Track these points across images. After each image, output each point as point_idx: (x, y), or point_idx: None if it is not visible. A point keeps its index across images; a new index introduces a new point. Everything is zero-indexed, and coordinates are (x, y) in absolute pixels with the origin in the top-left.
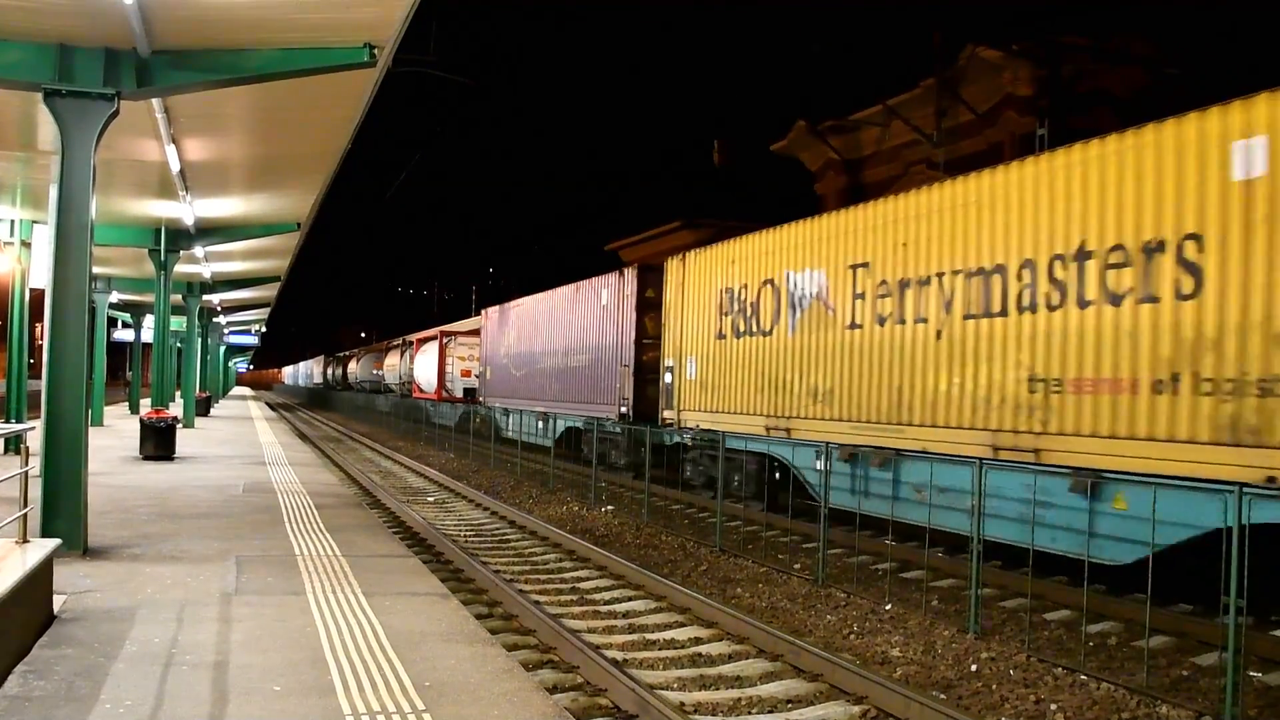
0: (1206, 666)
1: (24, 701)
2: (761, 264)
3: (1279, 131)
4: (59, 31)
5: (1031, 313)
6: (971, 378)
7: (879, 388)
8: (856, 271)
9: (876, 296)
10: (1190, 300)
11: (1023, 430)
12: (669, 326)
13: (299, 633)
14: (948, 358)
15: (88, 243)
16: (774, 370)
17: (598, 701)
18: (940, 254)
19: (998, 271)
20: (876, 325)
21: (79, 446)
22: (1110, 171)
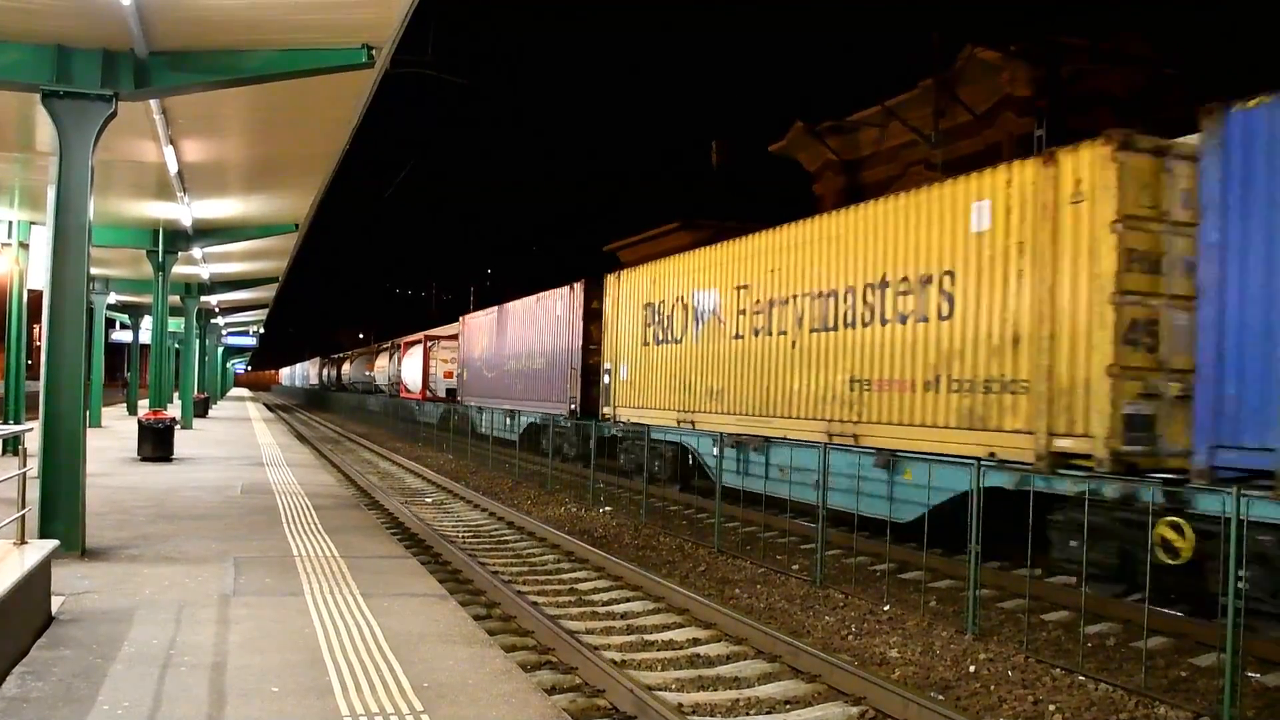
0: (1204, 667)
1: (22, 703)
2: (675, 283)
3: (998, 196)
4: (57, 33)
5: (852, 328)
6: (814, 379)
7: (754, 387)
8: (740, 292)
9: (753, 313)
10: (947, 321)
11: (846, 420)
12: (608, 334)
13: (297, 634)
14: (799, 363)
15: (86, 244)
16: (683, 373)
17: (596, 702)
18: (796, 279)
19: (831, 295)
20: (753, 336)
21: (77, 447)
22: (900, 221)
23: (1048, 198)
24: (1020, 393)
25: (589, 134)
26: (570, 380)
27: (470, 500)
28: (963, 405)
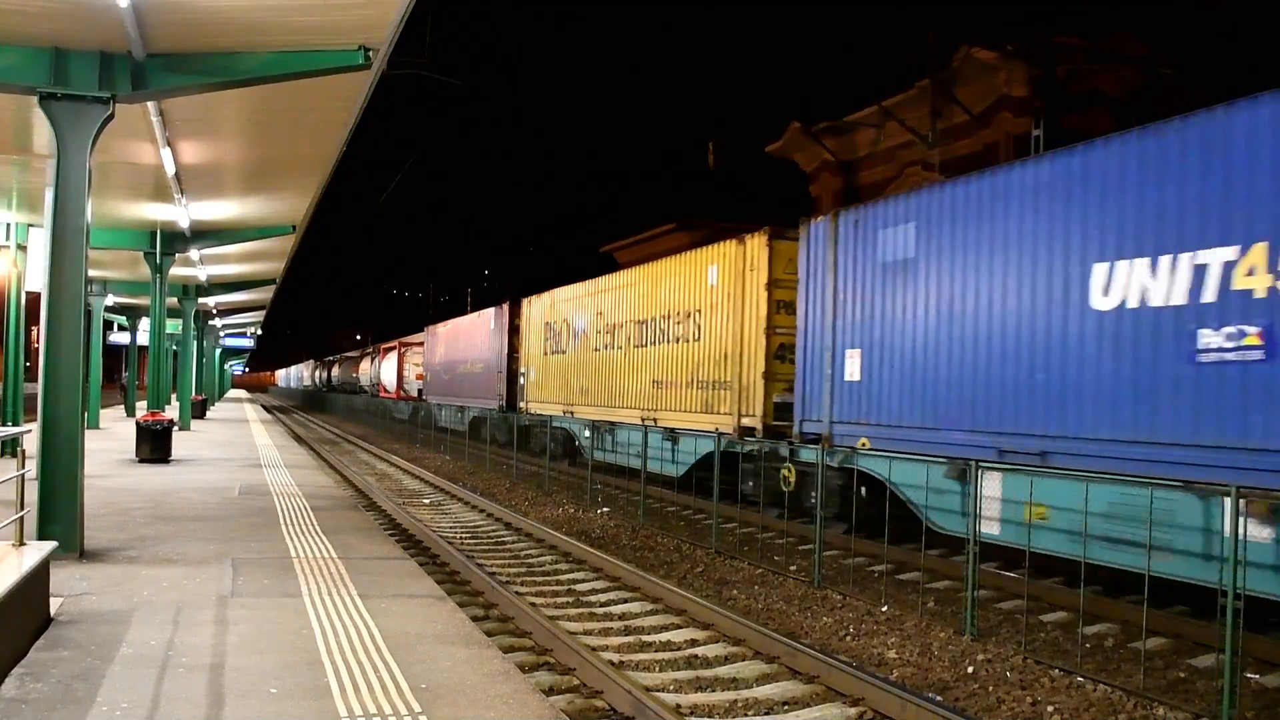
0: (1203, 668)
1: (21, 704)
2: (564, 308)
3: (720, 262)
4: (54, 35)
5: (655, 346)
6: (635, 381)
7: (605, 386)
8: (598, 317)
9: (604, 333)
10: (697, 342)
11: (650, 409)
12: (523, 346)
13: (295, 635)
14: (628, 369)
15: (83, 246)
16: (566, 375)
17: (594, 703)
18: (626, 310)
19: (643, 322)
20: (604, 350)
21: (75, 449)
22: (675, 274)
23: (739, 266)
24: (727, 389)
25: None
26: (499, 381)
27: (468, 501)
28: (703, 397)
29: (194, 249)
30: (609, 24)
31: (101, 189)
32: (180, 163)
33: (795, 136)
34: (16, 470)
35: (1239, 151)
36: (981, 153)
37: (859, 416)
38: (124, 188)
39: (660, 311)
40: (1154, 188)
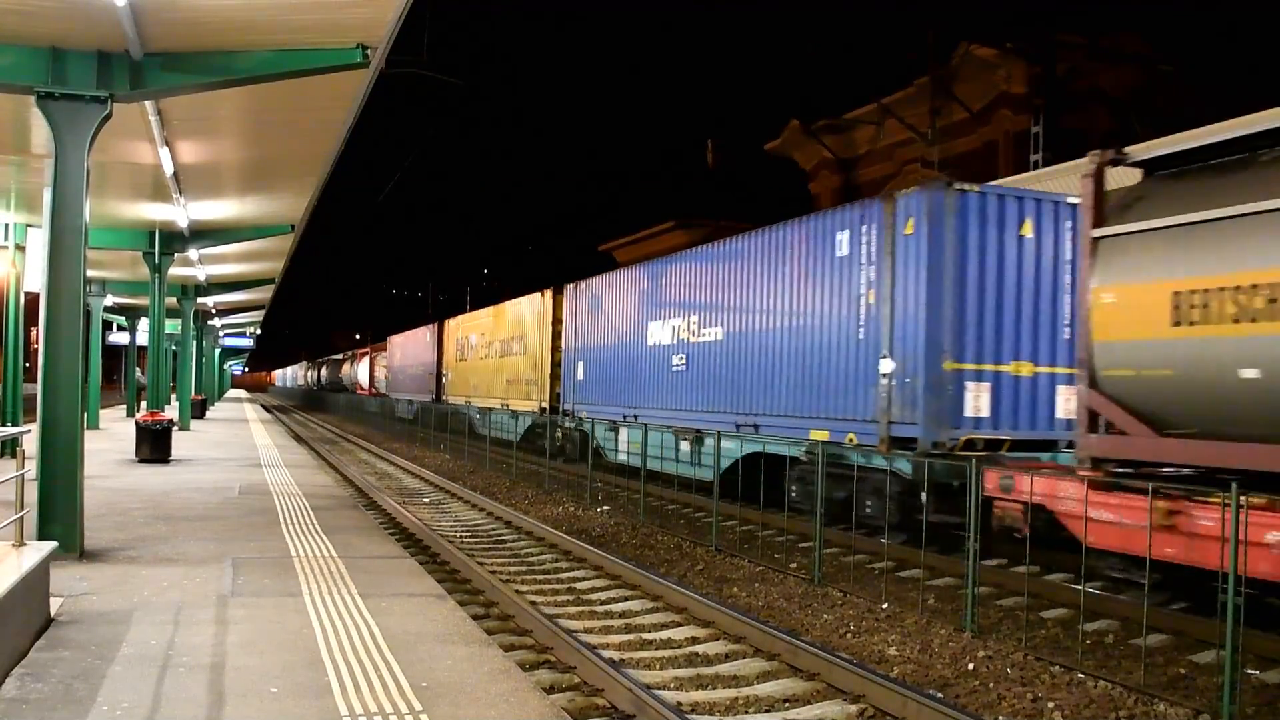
0: (1204, 664)
1: (21, 704)
2: (465, 328)
3: (538, 305)
4: (52, 34)
5: (506, 357)
6: (499, 379)
7: (485, 383)
8: (481, 335)
9: (486, 345)
10: (524, 355)
11: (501, 398)
12: (445, 354)
13: (295, 634)
14: (495, 371)
15: (82, 246)
16: (469, 375)
17: (595, 701)
18: (494, 332)
19: (504, 340)
20: (486, 358)
21: (75, 449)
22: (515, 309)
23: (547, 309)
24: (536, 385)
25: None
26: (431, 380)
27: (468, 500)
28: (527, 390)
29: (193, 249)
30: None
31: (100, 189)
32: (178, 162)
33: (794, 134)
34: (16, 470)
35: (669, 275)
36: (981, 150)
37: (581, 399)
38: (122, 187)
39: (508, 334)
40: (650, 290)
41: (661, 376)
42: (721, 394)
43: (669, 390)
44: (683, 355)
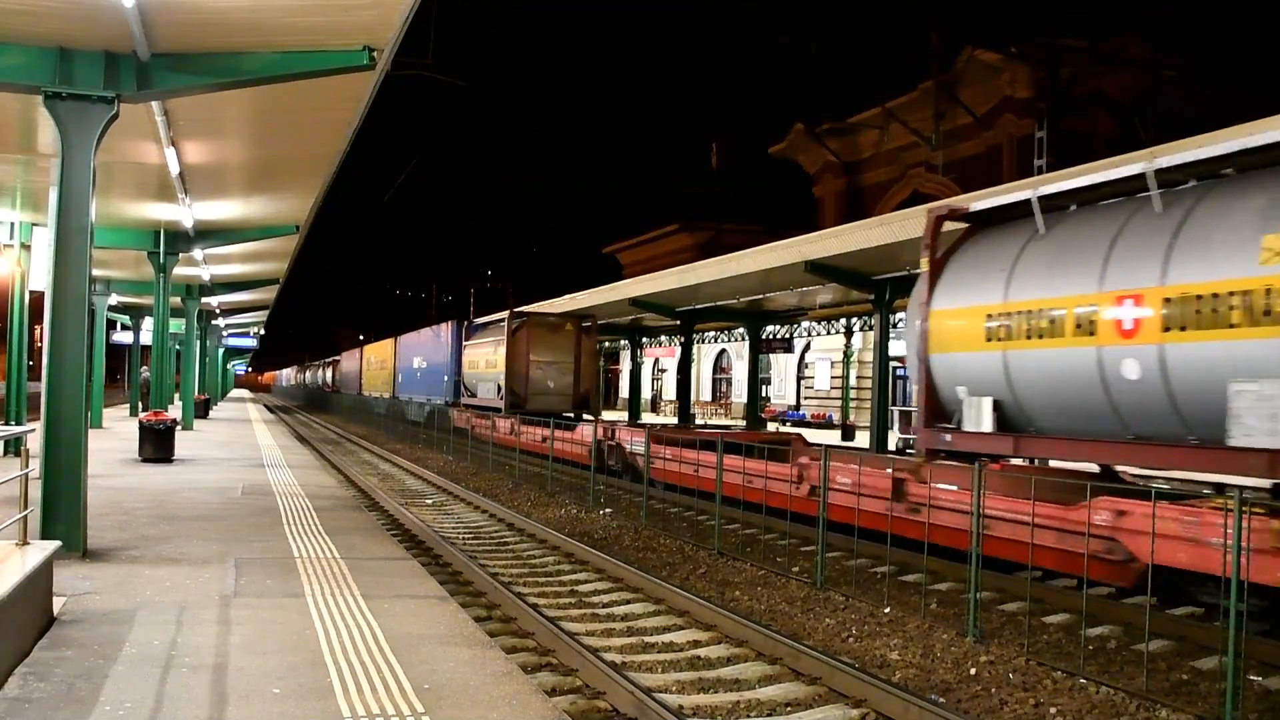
0: (1206, 670)
1: (24, 703)
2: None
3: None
4: (59, 35)
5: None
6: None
7: (375, 381)
8: (375, 356)
9: (380, 363)
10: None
11: (377, 391)
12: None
13: (298, 635)
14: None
15: (87, 245)
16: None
17: (596, 704)
18: (379, 355)
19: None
20: (379, 369)
21: (78, 449)
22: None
23: (390, 345)
24: (389, 383)
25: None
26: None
27: (470, 502)
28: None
29: (197, 249)
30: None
31: (106, 189)
32: (184, 162)
33: (798, 138)
34: (20, 469)
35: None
36: (985, 154)
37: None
38: (128, 187)
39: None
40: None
41: (414, 379)
42: (431, 385)
43: (426, 386)
44: (422, 369)
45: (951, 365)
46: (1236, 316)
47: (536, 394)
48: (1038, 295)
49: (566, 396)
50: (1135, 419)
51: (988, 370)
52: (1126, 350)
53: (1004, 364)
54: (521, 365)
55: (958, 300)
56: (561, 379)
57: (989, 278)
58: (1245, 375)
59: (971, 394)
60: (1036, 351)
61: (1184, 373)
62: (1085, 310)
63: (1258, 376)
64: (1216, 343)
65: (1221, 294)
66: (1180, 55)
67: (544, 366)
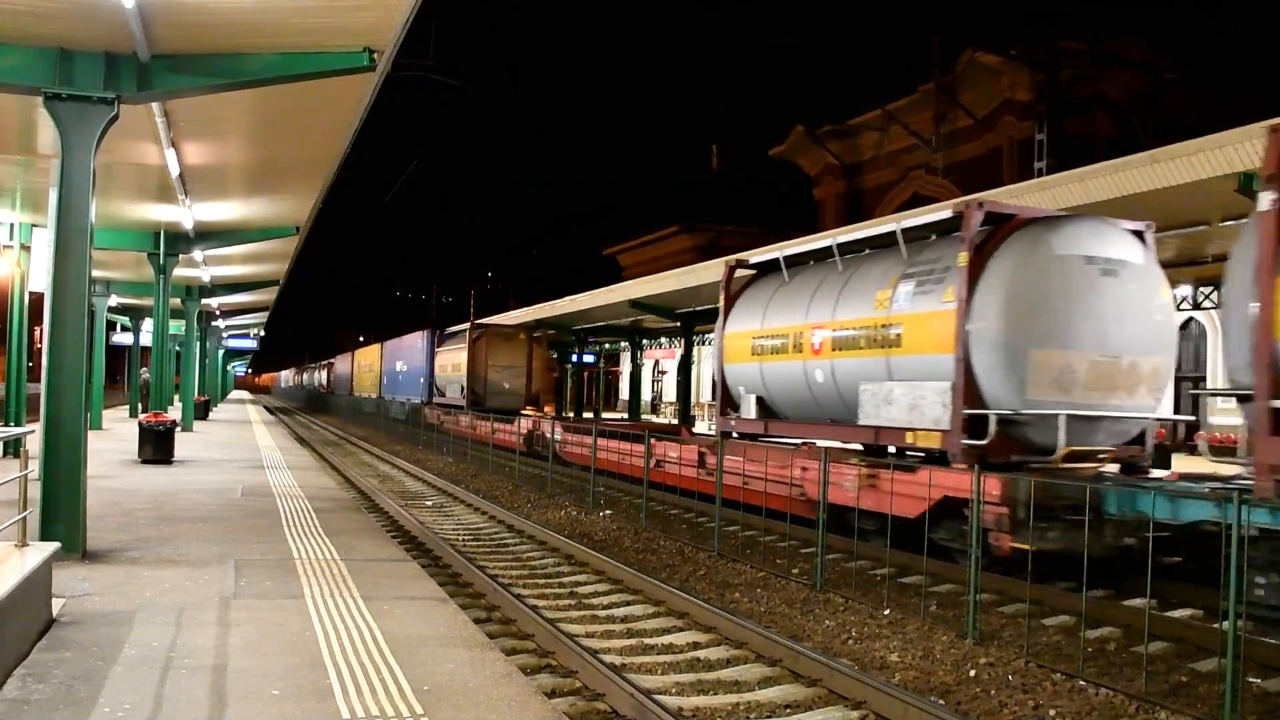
0: (1205, 672)
1: (23, 704)
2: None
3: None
4: (59, 35)
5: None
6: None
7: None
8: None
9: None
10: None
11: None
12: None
13: (297, 637)
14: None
15: (87, 246)
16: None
17: (596, 706)
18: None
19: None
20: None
21: (78, 450)
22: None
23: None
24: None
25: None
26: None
27: (470, 503)
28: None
29: (198, 250)
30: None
31: (105, 189)
32: (184, 163)
33: (799, 140)
34: (19, 470)
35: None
36: (985, 156)
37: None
38: (128, 188)
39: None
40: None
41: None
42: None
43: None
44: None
45: (735, 372)
46: (863, 343)
47: (493, 394)
48: (778, 324)
49: (520, 396)
50: (825, 408)
51: (753, 376)
52: (817, 363)
53: (761, 372)
54: (481, 369)
55: (739, 326)
56: (515, 381)
57: (755, 311)
58: (867, 380)
59: (746, 392)
60: (777, 363)
61: (843, 378)
62: (797, 335)
63: (872, 381)
64: (855, 359)
65: (856, 328)
66: (1180, 57)
67: (500, 370)
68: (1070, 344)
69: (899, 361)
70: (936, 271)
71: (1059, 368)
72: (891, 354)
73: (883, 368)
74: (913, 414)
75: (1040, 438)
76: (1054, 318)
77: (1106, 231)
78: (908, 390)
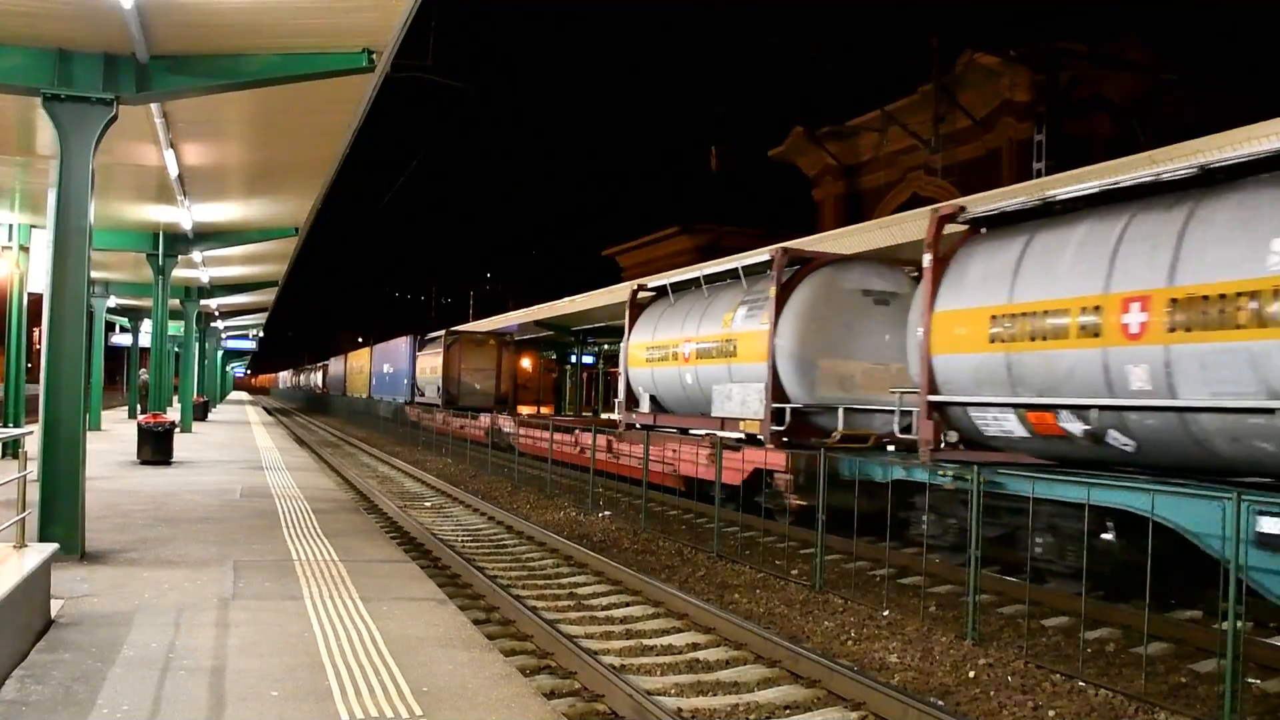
0: (1205, 673)
1: (21, 706)
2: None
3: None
4: (58, 36)
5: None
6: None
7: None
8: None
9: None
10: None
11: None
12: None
13: (296, 638)
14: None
15: (86, 247)
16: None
17: (595, 707)
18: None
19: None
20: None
21: (77, 451)
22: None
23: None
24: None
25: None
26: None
27: (469, 505)
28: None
29: (196, 251)
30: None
31: (104, 190)
32: (183, 164)
33: (798, 141)
34: (18, 471)
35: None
36: (984, 158)
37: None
38: (127, 189)
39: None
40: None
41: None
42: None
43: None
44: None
45: (635, 375)
46: (715, 353)
47: (466, 394)
48: (663, 338)
49: (490, 395)
50: (694, 404)
51: (647, 378)
52: (688, 368)
53: (653, 375)
54: (455, 372)
55: (638, 339)
56: (486, 383)
57: (649, 327)
58: (717, 382)
59: (643, 391)
60: (663, 368)
61: (703, 380)
62: (676, 347)
63: (720, 382)
64: (710, 365)
65: (711, 341)
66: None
67: (472, 373)
68: (850, 355)
69: (736, 368)
70: (760, 300)
71: (840, 373)
72: (731, 362)
73: (726, 373)
74: (743, 407)
75: (826, 424)
76: (837, 336)
77: (884, 270)
78: (740, 390)
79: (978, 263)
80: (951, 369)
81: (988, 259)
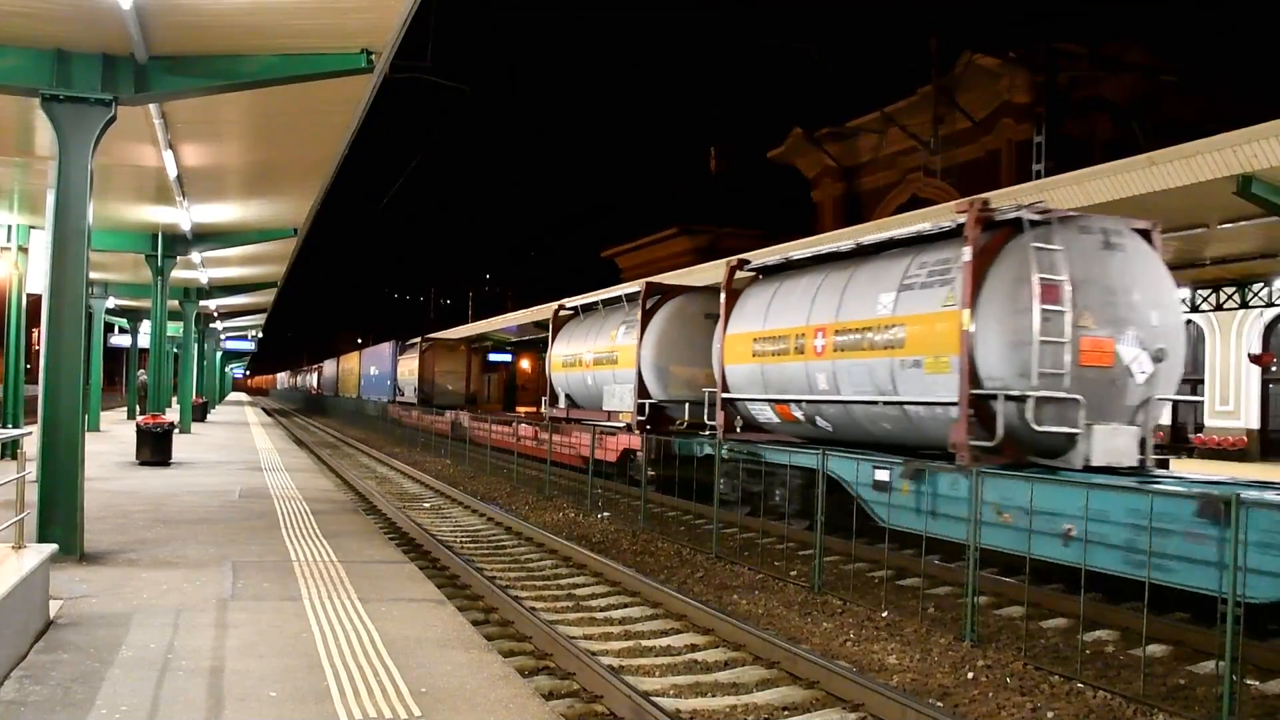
0: (1203, 675)
1: (20, 706)
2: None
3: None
4: (57, 37)
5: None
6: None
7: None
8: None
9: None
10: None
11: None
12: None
13: (295, 638)
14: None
15: (85, 248)
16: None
17: (593, 708)
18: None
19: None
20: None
21: (75, 451)
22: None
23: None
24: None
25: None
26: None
27: (468, 505)
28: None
29: (195, 252)
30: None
31: (103, 191)
32: (182, 165)
33: (797, 142)
34: (16, 472)
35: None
36: (984, 159)
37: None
38: (126, 190)
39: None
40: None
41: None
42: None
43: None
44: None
45: (556, 378)
46: (605, 360)
47: (439, 393)
48: (574, 349)
49: (460, 394)
50: (594, 399)
51: (563, 380)
52: (589, 373)
53: (566, 377)
54: (429, 374)
55: (558, 349)
56: (457, 384)
57: (565, 338)
58: (607, 383)
59: (561, 390)
60: (575, 372)
61: (599, 381)
62: (582, 355)
63: (608, 383)
64: (601, 370)
65: (601, 352)
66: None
67: (444, 375)
68: (694, 363)
69: (618, 373)
70: (633, 321)
71: (686, 377)
72: (615, 368)
73: (612, 376)
74: (622, 403)
75: (677, 415)
76: (685, 349)
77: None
78: (620, 389)
79: (751, 300)
80: (735, 375)
81: (758, 297)
